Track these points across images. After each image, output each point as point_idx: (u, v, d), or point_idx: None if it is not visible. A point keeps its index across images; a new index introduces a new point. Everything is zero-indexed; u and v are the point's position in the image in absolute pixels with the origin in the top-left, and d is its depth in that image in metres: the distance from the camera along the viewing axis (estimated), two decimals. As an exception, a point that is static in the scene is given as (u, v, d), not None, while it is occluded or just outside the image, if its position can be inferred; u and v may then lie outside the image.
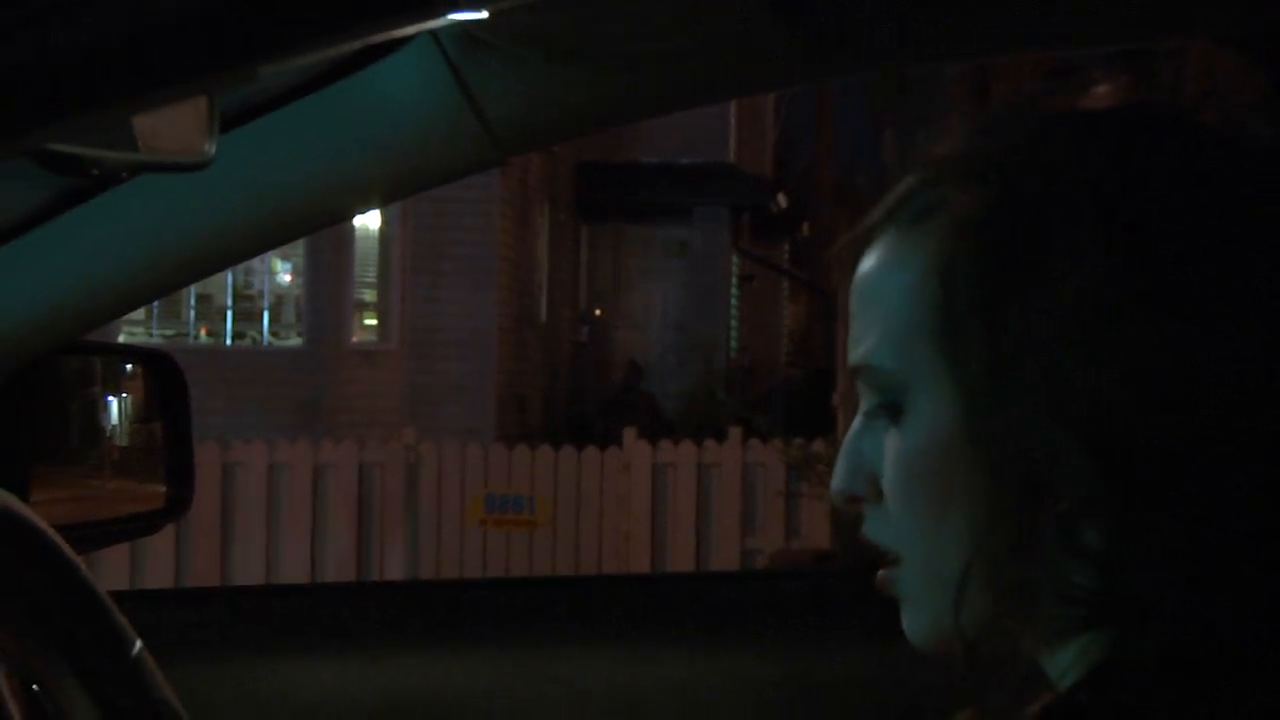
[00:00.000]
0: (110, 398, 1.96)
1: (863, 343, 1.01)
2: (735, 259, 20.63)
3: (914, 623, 1.02)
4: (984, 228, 0.96)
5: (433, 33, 1.60)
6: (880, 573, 1.03)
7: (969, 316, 0.95)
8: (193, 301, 15.92)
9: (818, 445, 10.54)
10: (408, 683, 1.97)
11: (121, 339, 13.05)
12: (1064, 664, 0.97)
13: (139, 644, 1.44)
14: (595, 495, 10.65)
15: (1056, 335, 0.93)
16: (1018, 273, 0.94)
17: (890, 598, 1.03)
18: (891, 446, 1.00)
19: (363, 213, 11.79)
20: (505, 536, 10.56)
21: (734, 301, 20.74)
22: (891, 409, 1.00)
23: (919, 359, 0.98)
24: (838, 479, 1.03)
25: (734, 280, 20.76)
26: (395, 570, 10.33)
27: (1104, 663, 0.94)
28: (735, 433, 10.80)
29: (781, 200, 21.07)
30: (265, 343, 16.27)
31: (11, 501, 1.31)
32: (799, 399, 16.83)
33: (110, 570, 9.15)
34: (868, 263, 1.03)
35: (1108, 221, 0.94)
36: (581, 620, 2.04)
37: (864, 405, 1.03)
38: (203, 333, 16.18)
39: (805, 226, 22.03)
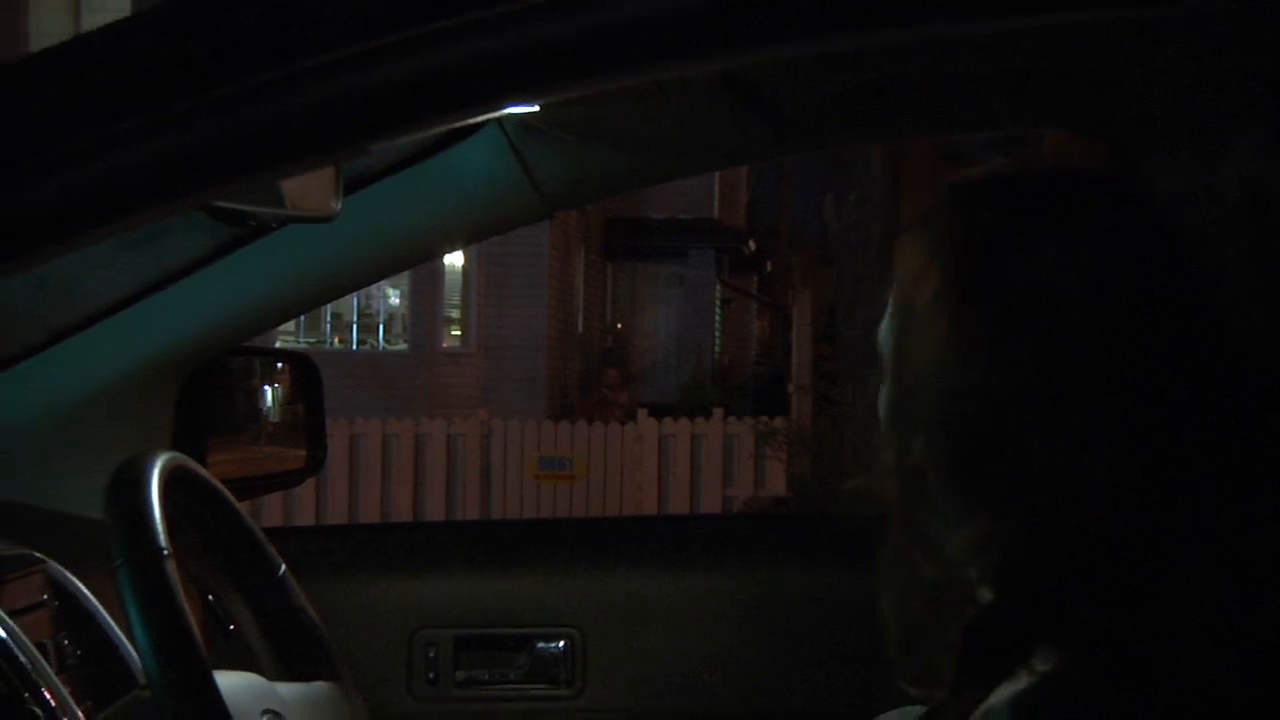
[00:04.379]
0: (266, 387, 1.95)
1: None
2: (718, 288, 20.60)
3: None
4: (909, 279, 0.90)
5: (498, 122, 1.59)
6: None
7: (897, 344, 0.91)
8: (328, 318, 15.91)
9: (777, 422, 10.65)
10: (481, 594, 1.96)
11: (277, 344, 13.05)
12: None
13: (283, 566, 1.43)
14: (617, 457, 10.64)
15: (930, 374, 0.87)
16: (916, 319, 0.89)
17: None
18: None
19: (448, 253, 11.80)
20: (553, 488, 10.56)
21: (717, 318, 20.69)
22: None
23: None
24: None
25: (717, 303, 20.72)
26: (473, 512, 10.33)
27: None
28: (718, 413, 10.79)
29: (752, 245, 21.01)
30: (380, 348, 16.26)
31: (191, 463, 1.30)
32: (764, 389, 16.78)
33: (268, 512, 9.16)
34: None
35: (969, 275, 0.87)
36: (606, 549, 2.03)
37: None
38: (336, 340, 16.17)
39: (769, 264, 21.99)
